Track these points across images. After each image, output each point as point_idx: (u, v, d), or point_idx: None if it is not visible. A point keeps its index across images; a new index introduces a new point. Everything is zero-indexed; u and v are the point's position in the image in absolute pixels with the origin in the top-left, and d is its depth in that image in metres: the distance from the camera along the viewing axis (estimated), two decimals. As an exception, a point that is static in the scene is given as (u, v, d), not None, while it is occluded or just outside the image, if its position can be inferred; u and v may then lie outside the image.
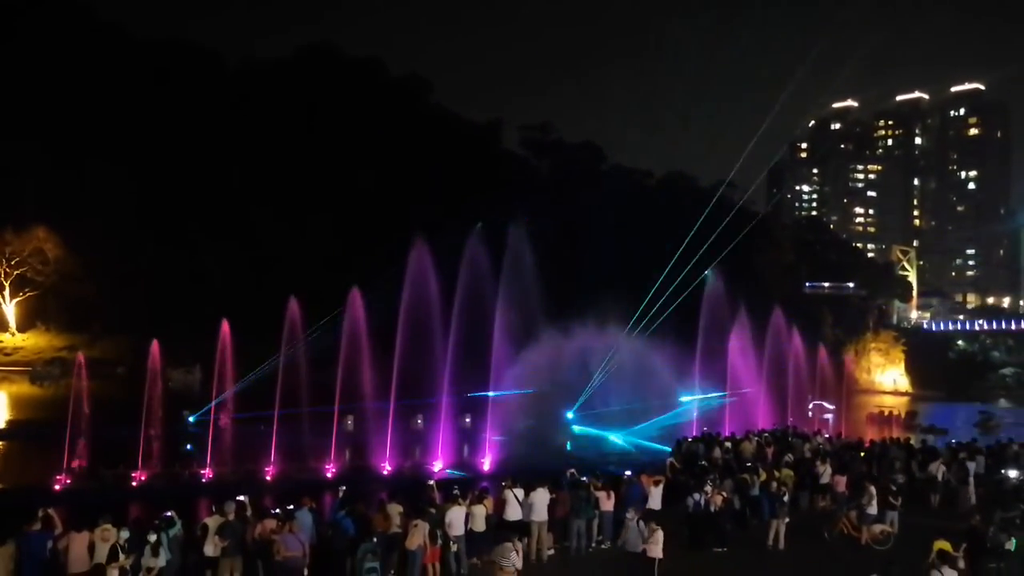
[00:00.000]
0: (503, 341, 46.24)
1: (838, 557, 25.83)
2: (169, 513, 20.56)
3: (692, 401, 59.94)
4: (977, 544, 21.64)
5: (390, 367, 43.68)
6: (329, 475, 38.89)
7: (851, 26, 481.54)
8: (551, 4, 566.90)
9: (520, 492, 23.97)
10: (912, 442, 43.96)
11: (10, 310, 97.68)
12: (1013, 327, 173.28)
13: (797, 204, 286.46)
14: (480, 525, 22.70)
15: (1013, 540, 21.93)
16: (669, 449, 41.20)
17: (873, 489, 27.40)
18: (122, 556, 18.34)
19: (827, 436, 46.34)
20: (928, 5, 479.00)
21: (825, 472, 32.45)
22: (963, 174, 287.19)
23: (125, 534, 19.34)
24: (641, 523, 21.63)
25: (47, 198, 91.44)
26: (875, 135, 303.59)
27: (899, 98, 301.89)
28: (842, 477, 31.51)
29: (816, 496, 32.53)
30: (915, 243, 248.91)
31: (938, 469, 34.12)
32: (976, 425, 78.44)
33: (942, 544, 19.86)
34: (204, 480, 37.17)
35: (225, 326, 43.28)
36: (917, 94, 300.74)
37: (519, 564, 19.53)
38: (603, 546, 25.26)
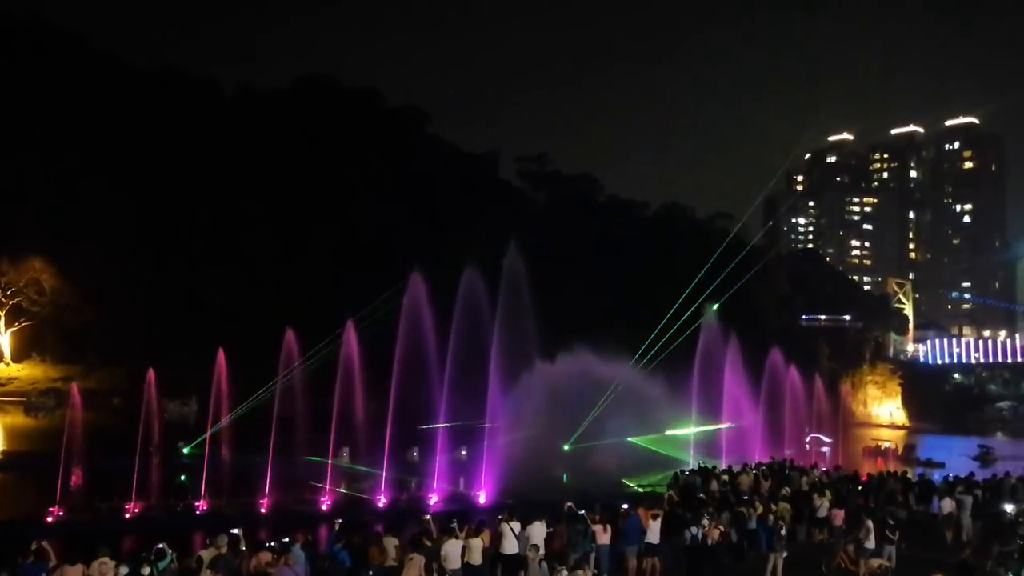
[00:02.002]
0: (499, 372, 46.18)
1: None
2: (160, 545, 20.40)
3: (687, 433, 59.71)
4: (970, 577, 21.55)
5: (386, 397, 43.64)
6: (325, 507, 38.73)
7: (847, 59, 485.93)
8: (549, 37, 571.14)
9: (517, 525, 23.84)
10: (909, 475, 43.87)
11: (5, 340, 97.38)
12: (1009, 360, 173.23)
13: (793, 236, 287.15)
14: (477, 558, 22.56)
15: (1010, 574, 21.86)
16: None
17: (871, 523, 27.28)
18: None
19: (824, 469, 46.21)
20: (922, 38, 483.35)
21: (823, 505, 32.31)
22: (958, 207, 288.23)
23: (124, 569, 19.18)
24: (544, 564, 21.34)
25: (43, 228, 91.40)
26: (870, 168, 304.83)
27: (894, 131, 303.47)
28: (840, 510, 31.38)
29: (813, 529, 32.40)
30: (911, 276, 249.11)
31: (951, 505, 33.96)
32: (975, 459, 78.26)
33: (939, 577, 19.83)
34: (199, 512, 37.00)
35: (221, 356, 43.28)
36: (912, 127, 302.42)
37: None
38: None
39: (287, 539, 21.49)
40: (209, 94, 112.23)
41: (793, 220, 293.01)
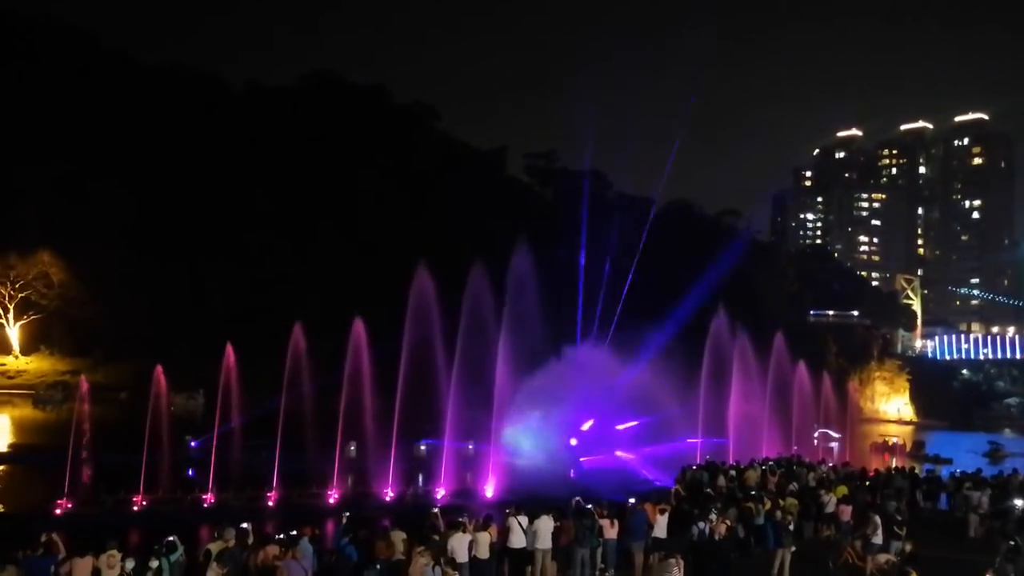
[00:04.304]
0: (507, 367, 46.13)
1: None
2: (171, 538, 20.47)
3: None
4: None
5: (393, 394, 43.64)
6: (332, 501, 38.78)
7: (856, 55, 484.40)
8: (555, 36, 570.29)
9: (524, 520, 23.82)
10: (916, 471, 43.79)
11: (14, 333, 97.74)
12: (1018, 356, 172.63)
13: (801, 232, 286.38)
14: (484, 552, 22.51)
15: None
16: None
17: (878, 518, 27.19)
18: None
19: (831, 465, 46.14)
20: (932, 35, 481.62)
21: (830, 501, 32.24)
22: (967, 203, 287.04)
23: (131, 563, 19.24)
24: (438, 568, 21.16)
25: (51, 222, 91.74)
26: (879, 164, 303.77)
27: (903, 127, 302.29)
28: (847, 506, 31.32)
29: (820, 525, 32.31)
30: (919, 272, 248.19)
31: (979, 501, 33.79)
32: (985, 455, 77.99)
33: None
34: (206, 505, 37.07)
35: (229, 351, 43.32)
36: (921, 123, 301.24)
37: None
38: (606, 575, 25.07)
39: (294, 533, 21.53)
40: (216, 90, 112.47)
41: (801, 216, 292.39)
